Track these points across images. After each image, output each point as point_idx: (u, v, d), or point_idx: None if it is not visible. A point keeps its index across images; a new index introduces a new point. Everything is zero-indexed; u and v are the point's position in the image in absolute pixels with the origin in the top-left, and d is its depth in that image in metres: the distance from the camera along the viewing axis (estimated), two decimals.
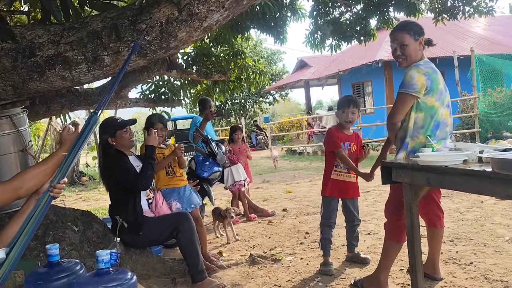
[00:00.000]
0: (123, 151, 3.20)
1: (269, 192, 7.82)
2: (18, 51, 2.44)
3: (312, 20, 6.53)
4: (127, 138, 3.18)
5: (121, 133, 3.14)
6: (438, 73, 2.68)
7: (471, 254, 3.44)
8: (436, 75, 2.64)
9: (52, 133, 12.35)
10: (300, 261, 3.68)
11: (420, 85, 2.57)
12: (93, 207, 7.68)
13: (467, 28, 17.34)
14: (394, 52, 2.76)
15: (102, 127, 3.21)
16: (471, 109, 10.60)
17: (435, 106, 2.63)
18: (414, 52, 2.69)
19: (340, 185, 3.49)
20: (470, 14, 6.41)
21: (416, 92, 2.58)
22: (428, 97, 2.61)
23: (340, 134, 3.47)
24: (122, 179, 3.08)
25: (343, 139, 3.45)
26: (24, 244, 1.85)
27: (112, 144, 3.14)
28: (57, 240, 2.82)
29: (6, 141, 3.21)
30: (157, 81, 5.94)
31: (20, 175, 1.90)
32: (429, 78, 2.59)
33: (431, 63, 2.71)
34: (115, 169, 3.11)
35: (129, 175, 3.07)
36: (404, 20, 2.98)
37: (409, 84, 2.59)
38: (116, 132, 3.13)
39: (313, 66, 20.94)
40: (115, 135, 3.13)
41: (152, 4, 2.48)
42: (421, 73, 2.59)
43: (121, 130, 3.14)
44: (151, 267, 3.41)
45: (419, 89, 2.57)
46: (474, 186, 1.96)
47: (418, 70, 2.60)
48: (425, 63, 2.68)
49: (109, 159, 3.15)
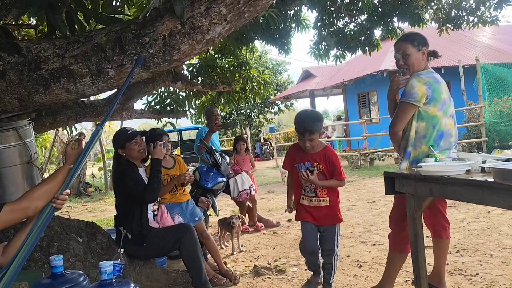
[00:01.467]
0: (133, 162, 3.24)
1: (274, 202, 7.80)
2: (24, 65, 2.49)
3: (316, 30, 6.57)
4: (136, 149, 3.22)
5: (129, 144, 3.19)
6: (442, 83, 2.68)
7: (477, 265, 3.41)
8: (438, 85, 2.64)
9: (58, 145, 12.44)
10: (304, 272, 3.66)
11: (421, 94, 2.58)
12: (99, 218, 7.70)
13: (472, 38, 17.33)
14: (397, 62, 2.79)
15: (114, 138, 3.31)
16: (477, 119, 10.54)
17: (438, 115, 2.63)
18: (416, 62, 2.71)
19: (311, 210, 3.06)
20: (474, 24, 6.41)
21: (416, 101, 2.59)
22: (429, 107, 2.61)
23: (298, 154, 3.12)
24: (130, 189, 3.11)
25: (300, 159, 3.08)
26: (26, 254, 1.87)
27: (122, 155, 3.21)
28: (62, 251, 2.84)
29: (12, 153, 3.24)
30: (162, 93, 5.98)
31: (28, 194, 1.92)
32: (430, 88, 2.60)
33: (434, 73, 2.72)
34: (124, 178, 3.15)
35: (137, 186, 3.10)
36: (408, 31, 3.01)
37: (410, 93, 2.61)
38: (125, 143, 3.19)
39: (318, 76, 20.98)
40: (124, 146, 3.19)
41: (156, 17, 2.52)
42: (422, 82, 2.60)
43: (130, 142, 3.19)
44: (154, 278, 3.41)
45: (419, 98, 2.59)
46: (477, 196, 1.95)
47: (419, 80, 2.61)
48: (427, 72, 2.69)
49: (119, 168, 3.21)
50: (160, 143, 3.25)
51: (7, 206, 1.82)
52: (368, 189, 8.12)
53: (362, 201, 6.89)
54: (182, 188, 3.76)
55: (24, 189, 3.18)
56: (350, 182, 9.42)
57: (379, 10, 6.31)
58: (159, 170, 3.18)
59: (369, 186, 8.50)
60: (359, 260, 3.83)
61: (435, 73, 2.74)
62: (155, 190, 3.09)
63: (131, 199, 3.13)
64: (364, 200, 6.97)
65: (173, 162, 3.78)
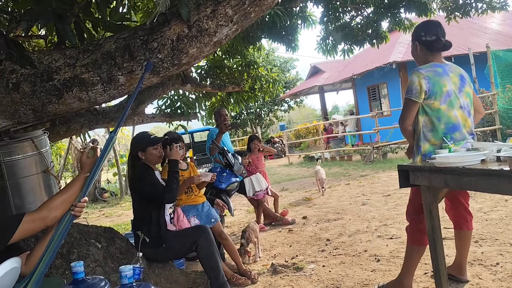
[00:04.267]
0: (150, 165, 3.29)
1: (289, 200, 7.80)
2: (37, 76, 2.53)
3: (323, 26, 6.55)
4: (156, 155, 3.28)
5: (151, 149, 3.25)
6: (444, 75, 2.64)
7: (497, 255, 3.37)
8: (439, 78, 2.62)
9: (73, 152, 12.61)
10: (322, 269, 3.66)
11: (420, 89, 2.60)
12: (116, 223, 7.79)
13: (481, 24, 17.08)
14: None
15: (134, 141, 3.37)
16: (490, 106, 10.40)
17: (441, 109, 2.61)
18: (415, 56, 2.84)
19: None
20: (483, 11, 6.33)
21: (416, 96, 2.61)
22: (431, 101, 2.61)
23: None
24: (148, 191, 3.16)
25: None
26: (48, 262, 1.91)
27: (141, 158, 3.26)
28: (82, 258, 2.88)
29: (29, 163, 3.29)
30: (172, 96, 6.02)
31: (46, 204, 1.96)
32: (429, 82, 2.59)
33: (440, 65, 2.68)
34: (142, 181, 3.20)
35: (156, 187, 3.16)
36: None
37: (410, 89, 2.64)
38: (147, 147, 3.25)
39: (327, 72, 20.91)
40: (146, 150, 3.25)
41: (163, 22, 2.54)
42: (421, 77, 2.61)
43: (152, 146, 3.25)
44: (174, 280, 3.44)
45: (418, 93, 2.60)
46: (493, 186, 1.93)
47: (418, 75, 2.63)
48: (429, 66, 2.67)
49: (137, 172, 3.26)
50: (176, 145, 3.35)
51: (27, 216, 1.86)
52: (382, 182, 8.07)
53: (377, 195, 6.85)
54: (198, 189, 3.81)
55: (42, 198, 3.24)
56: (364, 176, 9.37)
57: (385, 1, 6.27)
58: (177, 171, 3.25)
59: (383, 179, 8.45)
60: (376, 255, 3.82)
61: (442, 65, 2.69)
62: (174, 190, 3.16)
63: (149, 202, 3.18)
64: (378, 194, 6.93)
65: (186, 165, 3.90)
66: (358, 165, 11.89)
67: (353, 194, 7.22)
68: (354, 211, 5.88)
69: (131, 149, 3.37)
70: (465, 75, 2.77)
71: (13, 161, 3.21)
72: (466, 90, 2.72)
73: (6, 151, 3.18)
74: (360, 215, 5.56)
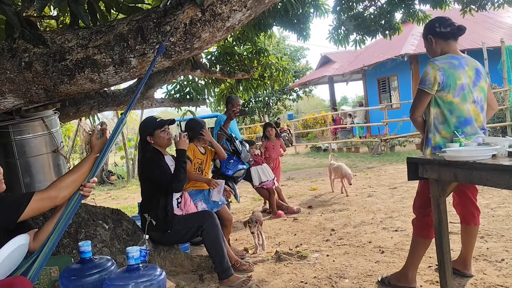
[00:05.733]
0: (159, 150, 3.30)
1: (294, 189, 7.81)
2: (49, 56, 2.53)
3: (335, 15, 6.48)
4: (165, 137, 3.29)
5: (159, 132, 3.26)
6: (460, 68, 2.60)
7: (502, 251, 3.36)
8: (454, 70, 2.58)
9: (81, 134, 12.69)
10: (326, 258, 3.68)
11: (433, 81, 2.57)
12: (122, 206, 7.87)
13: (496, 19, 16.81)
14: None
15: (142, 126, 3.38)
16: (502, 102, 10.27)
17: (454, 102, 2.59)
18: (428, 50, 2.81)
19: None
20: (499, 4, 6.21)
21: (429, 88, 2.59)
22: (444, 93, 2.58)
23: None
24: (157, 177, 3.17)
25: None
26: (56, 240, 1.94)
27: (150, 142, 3.27)
28: (89, 238, 2.92)
29: (39, 143, 3.33)
30: (181, 81, 6.03)
31: (56, 184, 1.98)
32: (444, 74, 2.56)
33: (456, 58, 2.64)
34: (151, 166, 3.22)
35: (164, 174, 3.16)
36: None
37: (423, 80, 2.62)
38: (155, 131, 3.26)
39: (337, 62, 20.75)
40: (153, 133, 3.26)
41: (176, 6, 2.52)
42: (436, 69, 2.58)
43: (160, 129, 3.26)
44: (179, 264, 3.48)
45: (431, 85, 2.58)
46: (504, 181, 1.92)
47: (433, 66, 2.60)
48: (443, 58, 2.64)
49: (146, 156, 3.27)
50: (183, 134, 3.33)
51: (37, 195, 1.88)
52: (389, 175, 8.05)
53: (383, 187, 6.84)
54: (207, 172, 3.84)
55: (51, 177, 3.28)
56: (371, 168, 9.35)
57: None
58: (184, 160, 3.24)
59: (390, 172, 8.42)
60: (381, 246, 3.82)
61: (458, 57, 2.65)
62: (182, 180, 3.16)
63: (157, 187, 3.19)
64: (385, 186, 6.92)
65: (204, 150, 4.02)
66: (365, 157, 11.85)
67: (359, 186, 7.21)
68: (359, 202, 5.88)
69: (140, 135, 3.39)
70: (481, 69, 2.74)
71: (24, 140, 3.24)
72: (481, 85, 2.68)
73: (17, 129, 3.22)
74: (365, 206, 5.56)
